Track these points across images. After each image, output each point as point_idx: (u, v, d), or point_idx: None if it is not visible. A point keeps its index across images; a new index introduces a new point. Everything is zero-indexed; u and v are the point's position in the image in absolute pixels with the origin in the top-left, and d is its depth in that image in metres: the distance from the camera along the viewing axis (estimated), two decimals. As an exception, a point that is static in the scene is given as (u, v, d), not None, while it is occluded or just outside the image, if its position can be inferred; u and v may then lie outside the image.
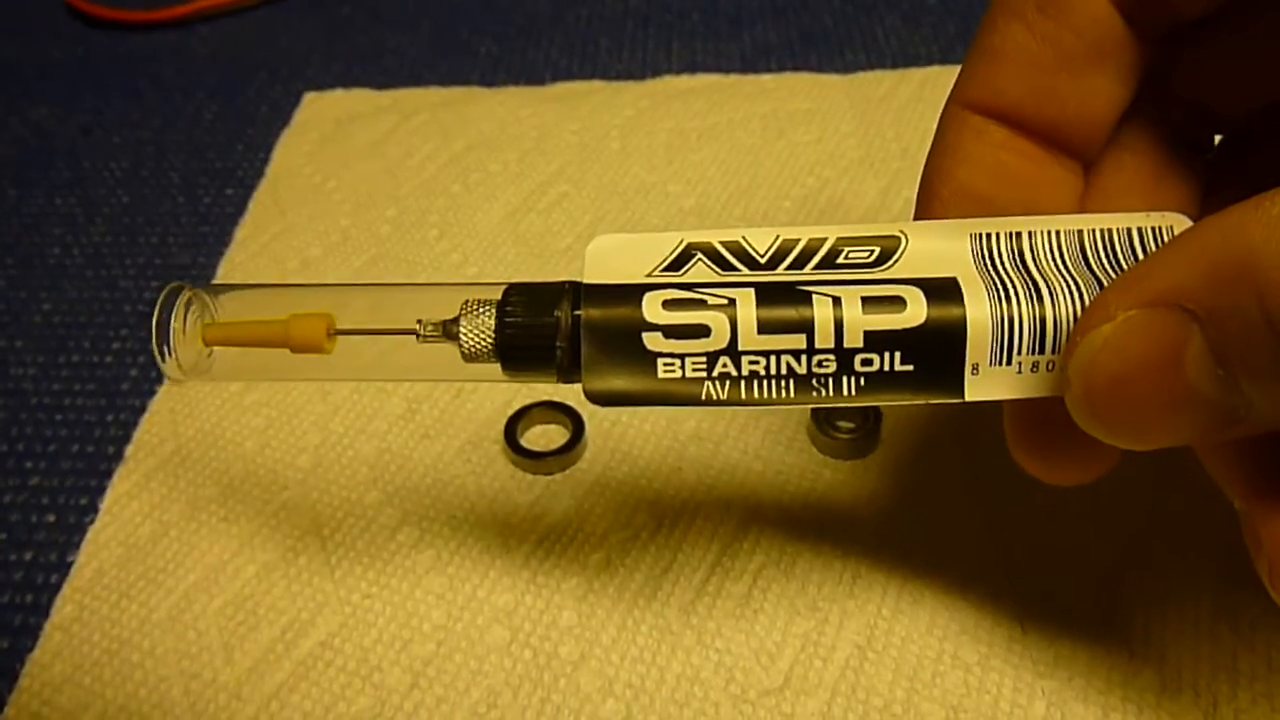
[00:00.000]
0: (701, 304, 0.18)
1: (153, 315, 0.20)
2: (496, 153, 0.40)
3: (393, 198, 0.38)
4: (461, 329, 0.19)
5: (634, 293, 0.18)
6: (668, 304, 0.18)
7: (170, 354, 0.20)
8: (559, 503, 0.27)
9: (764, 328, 0.18)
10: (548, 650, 0.24)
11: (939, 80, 0.43)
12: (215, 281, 0.35)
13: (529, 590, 0.25)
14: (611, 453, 0.28)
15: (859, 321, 0.18)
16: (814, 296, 0.18)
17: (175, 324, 0.20)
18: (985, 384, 0.18)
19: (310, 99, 0.45)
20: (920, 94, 0.43)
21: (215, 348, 0.20)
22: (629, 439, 0.29)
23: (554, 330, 0.19)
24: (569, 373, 0.19)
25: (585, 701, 0.23)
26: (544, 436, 0.29)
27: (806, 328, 0.18)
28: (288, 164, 0.41)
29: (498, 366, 0.19)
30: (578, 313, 0.19)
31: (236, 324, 0.20)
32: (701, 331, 0.18)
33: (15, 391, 0.32)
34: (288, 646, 0.24)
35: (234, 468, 0.28)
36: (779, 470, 0.28)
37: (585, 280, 0.19)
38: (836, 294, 0.18)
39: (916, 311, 0.18)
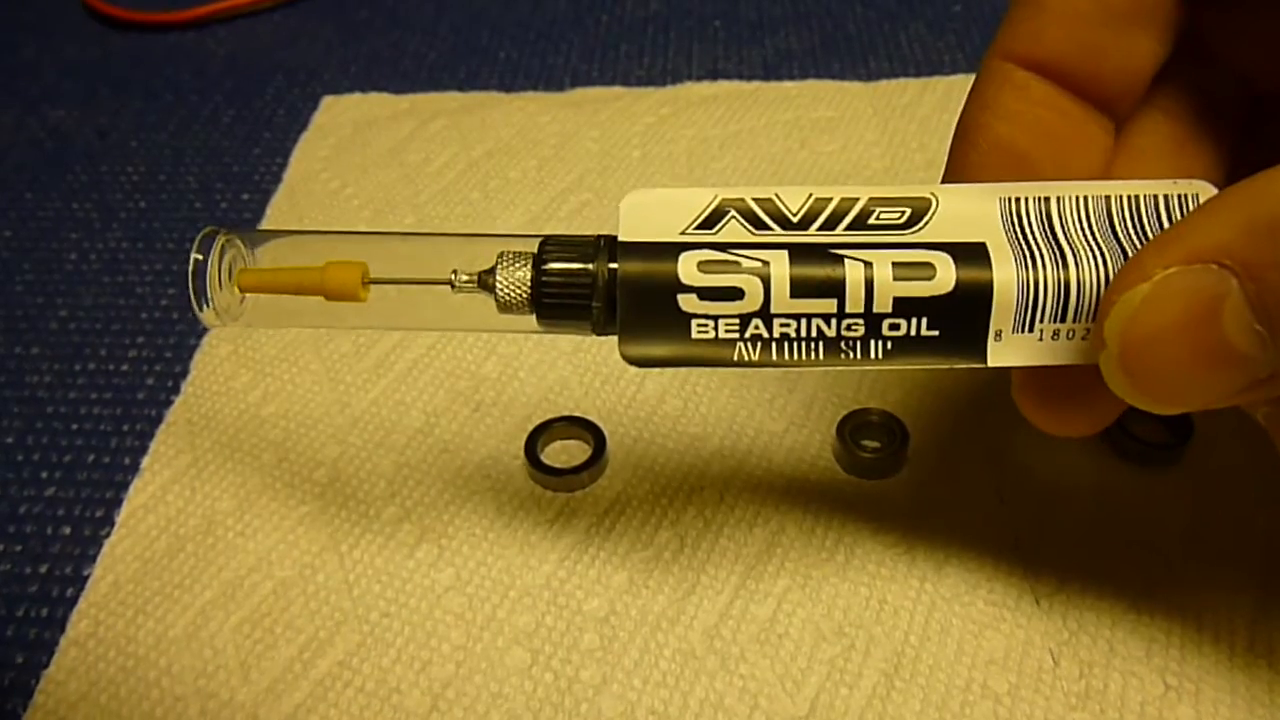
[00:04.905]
0: (735, 266, 0.18)
1: (189, 259, 0.20)
2: (516, 159, 0.40)
3: (411, 205, 0.38)
4: (498, 280, 0.19)
5: (669, 253, 0.18)
6: (703, 265, 0.18)
7: (207, 299, 0.20)
8: (580, 521, 0.27)
9: (796, 291, 0.18)
10: (569, 674, 0.23)
11: (964, 89, 0.43)
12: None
13: (549, 611, 0.25)
14: (633, 470, 0.28)
15: (889, 287, 0.18)
16: (846, 261, 0.18)
17: (211, 268, 0.20)
18: (1007, 350, 0.18)
19: (328, 102, 0.44)
20: (945, 103, 0.42)
21: (249, 294, 0.20)
22: (651, 456, 0.28)
23: (590, 282, 0.19)
24: (604, 326, 0.19)
25: (607, 727, 0.23)
26: (565, 452, 0.28)
27: (838, 292, 0.18)
28: (305, 169, 0.40)
29: (532, 318, 0.20)
30: (613, 266, 0.19)
31: (271, 270, 0.20)
32: (735, 294, 0.18)
33: (31, 400, 0.31)
34: (305, 666, 0.24)
35: (251, 481, 0.28)
36: (803, 489, 0.27)
37: (621, 238, 0.19)
38: (868, 258, 0.18)
39: (945, 279, 0.18)
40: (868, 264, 0.18)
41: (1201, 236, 0.16)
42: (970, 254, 0.18)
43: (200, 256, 0.20)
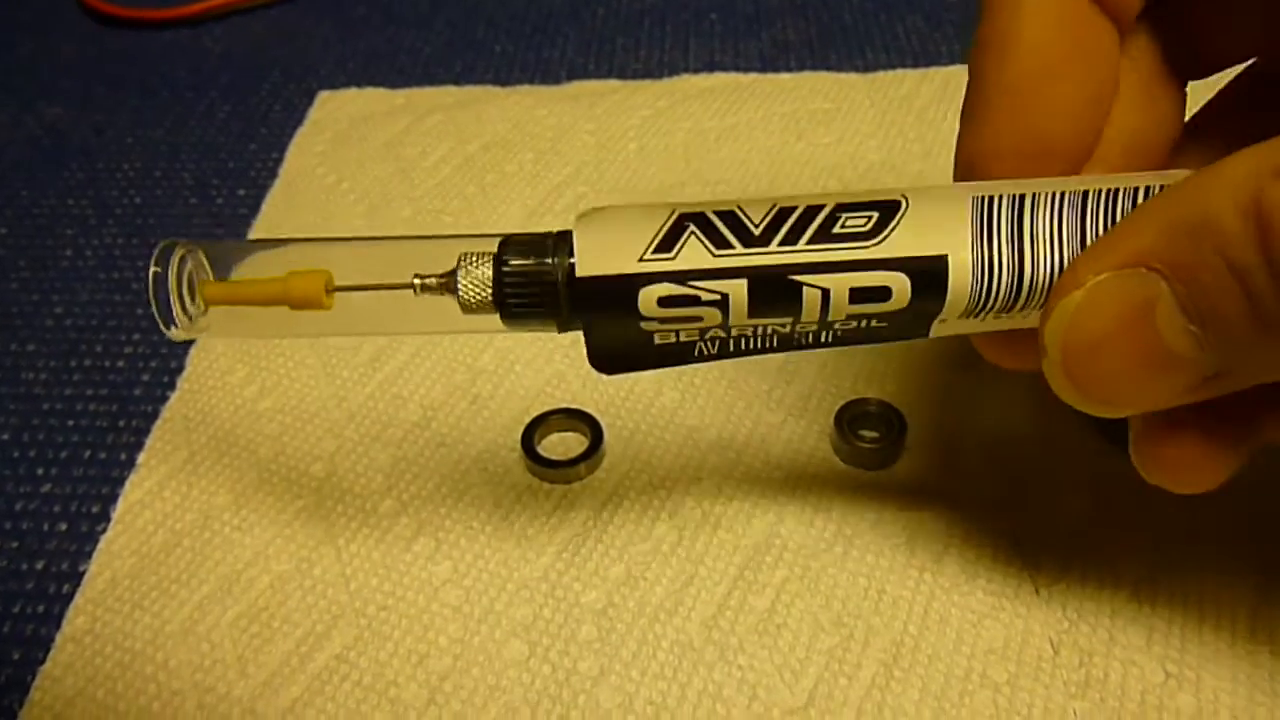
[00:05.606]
0: (695, 301, 0.18)
1: (154, 271, 0.20)
2: (512, 153, 0.40)
3: (408, 199, 0.38)
4: (459, 282, 0.19)
5: (629, 289, 0.18)
6: (663, 300, 0.18)
7: (171, 313, 0.20)
8: (578, 513, 0.27)
9: (754, 314, 0.19)
10: (566, 666, 0.23)
11: (961, 80, 0.42)
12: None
13: (547, 604, 0.25)
14: (631, 461, 0.28)
15: (844, 309, 0.19)
16: (804, 290, 0.18)
17: (171, 281, 0.20)
18: (949, 328, 0.19)
19: (324, 97, 0.44)
20: (942, 94, 0.42)
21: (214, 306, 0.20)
22: (648, 447, 0.28)
23: (552, 280, 0.19)
24: (568, 323, 0.20)
25: (605, 719, 0.22)
26: (562, 444, 0.28)
27: (794, 313, 0.19)
28: (301, 164, 0.40)
29: (497, 317, 0.20)
30: (572, 261, 0.19)
31: (236, 283, 0.20)
32: (695, 319, 0.19)
33: (27, 396, 0.31)
34: (303, 660, 0.24)
35: (247, 476, 0.28)
36: (801, 480, 0.27)
37: (578, 272, 0.18)
38: (826, 284, 0.18)
39: (900, 298, 0.18)
40: (825, 291, 0.18)
41: (1130, 241, 0.17)
42: (928, 270, 0.18)
43: (159, 269, 0.20)
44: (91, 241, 0.37)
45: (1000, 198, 0.18)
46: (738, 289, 0.18)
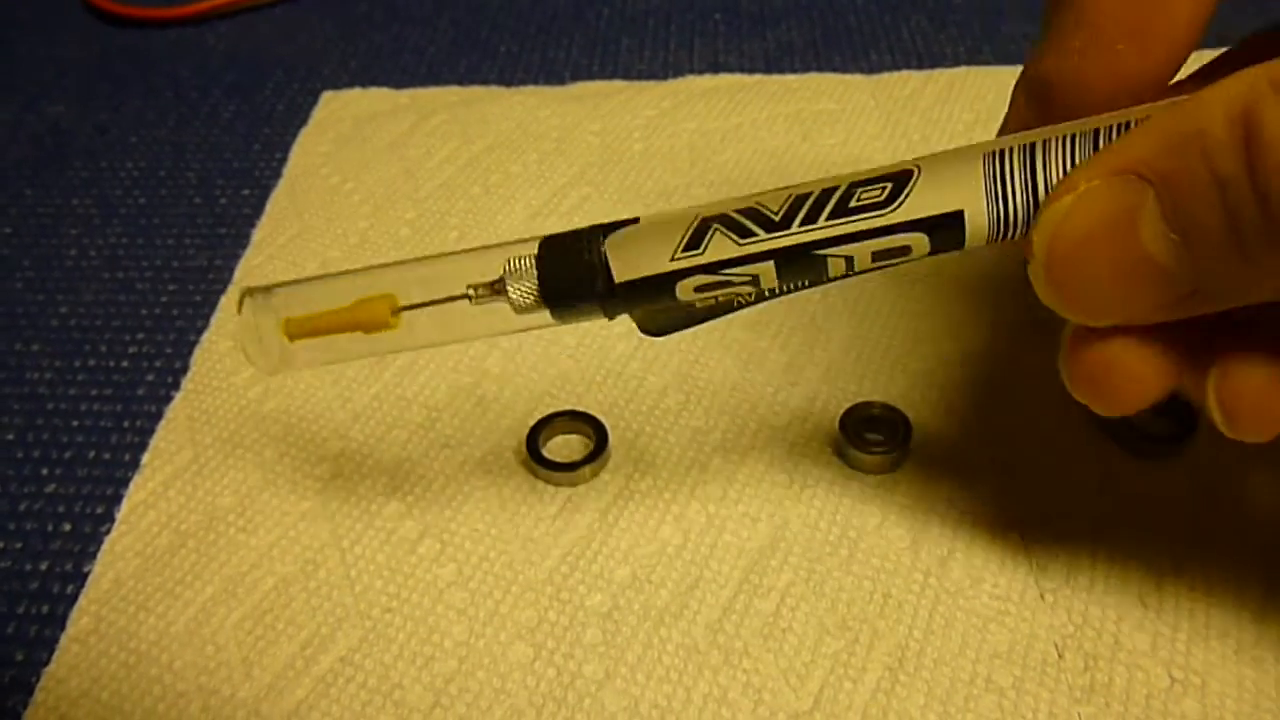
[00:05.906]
0: (727, 284, 0.20)
1: (239, 318, 0.22)
2: (517, 154, 0.40)
3: (411, 199, 0.38)
4: (508, 287, 0.21)
5: (665, 285, 0.20)
6: (699, 288, 0.20)
7: (262, 353, 0.22)
8: (582, 516, 0.27)
9: (784, 284, 0.20)
10: (571, 669, 0.23)
11: (966, 81, 0.43)
12: (233, 282, 0.35)
13: (552, 606, 0.25)
14: (635, 463, 0.28)
15: (867, 267, 0.20)
16: (828, 260, 0.19)
17: (262, 323, 0.22)
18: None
19: (328, 97, 0.44)
20: (947, 95, 0.42)
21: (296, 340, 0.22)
22: (653, 449, 0.28)
23: (591, 274, 0.20)
24: (614, 312, 0.21)
25: (610, 722, 0.22)
26: (566, 447, 0.28)
27: (822, 278, 0.20)
28: (305, 164, 0.40)
29: (548, 314, 0.21)
30: (608, 263, 0.20)
31: (313, 316, 0.22)
32: (730, 293, 0.20)
33: (31, 396, 0.31)
34: (307, 662, 0.24)
35: (252, 477, 0.28)
36: (806, 484, 0.27)
37: (616, 279, 0.20)
38: (848, 253, 0.19)
39: (920, 252, 0.19)
40: (849, 259, 0.19)
41: (1124, 151, 0.17)
42: (947, 225, 0.19)
43: (249, 315, 0.22)
44: (95, 241, 0.37)
45: (1011, 150, 0.19)
46: (766, 269, 0.20)
